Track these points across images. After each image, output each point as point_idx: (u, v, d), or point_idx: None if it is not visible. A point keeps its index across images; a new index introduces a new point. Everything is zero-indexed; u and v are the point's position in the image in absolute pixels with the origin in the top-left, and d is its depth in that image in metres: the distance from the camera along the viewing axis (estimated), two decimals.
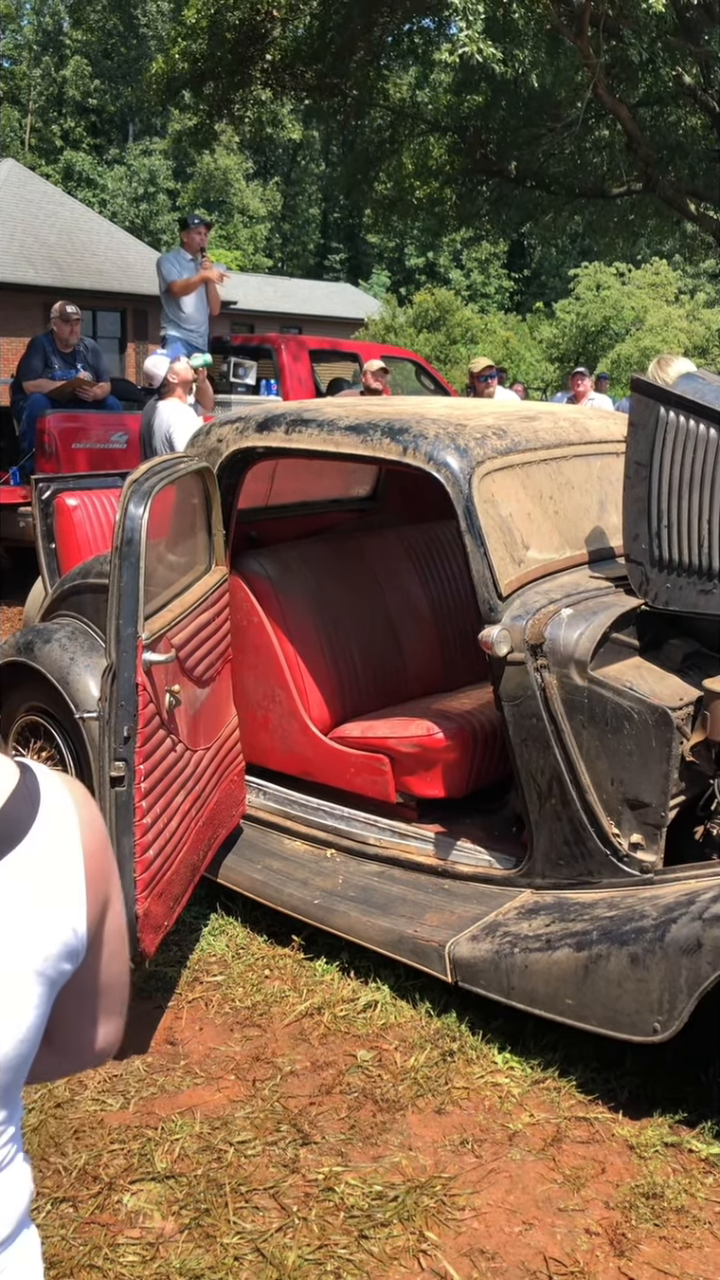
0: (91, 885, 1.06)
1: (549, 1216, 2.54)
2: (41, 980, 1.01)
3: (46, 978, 1.02)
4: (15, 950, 0.99)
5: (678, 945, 2.67)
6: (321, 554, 4.21)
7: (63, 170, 45.69)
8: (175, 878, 3.19)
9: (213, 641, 3.60)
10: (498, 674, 3.20)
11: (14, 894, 0.99)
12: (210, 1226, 2.51)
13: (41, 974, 1.01)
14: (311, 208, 52.46)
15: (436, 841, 3.58)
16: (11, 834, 1.00)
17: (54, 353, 8.23)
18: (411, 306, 34.15)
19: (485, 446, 3.37)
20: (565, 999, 2.89)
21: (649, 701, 3.05)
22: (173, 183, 47.85)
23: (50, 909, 1.02)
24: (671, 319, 32.41)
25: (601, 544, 3.60)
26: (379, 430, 3.44)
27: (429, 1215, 2.53)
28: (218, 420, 3.95)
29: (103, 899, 1.09)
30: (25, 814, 1.02)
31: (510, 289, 49.13)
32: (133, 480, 3.16)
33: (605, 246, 21.82)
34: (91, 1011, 1.16)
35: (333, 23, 14.18)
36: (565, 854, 3.20)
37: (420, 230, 22.29)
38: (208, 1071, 3.07)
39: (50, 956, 1.02)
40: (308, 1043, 3.18)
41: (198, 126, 16.10)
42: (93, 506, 5.26)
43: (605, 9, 11.92)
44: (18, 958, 0.99)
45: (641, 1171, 2.68)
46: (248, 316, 29.88)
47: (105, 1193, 2.61)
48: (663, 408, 3.15)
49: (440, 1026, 3.21)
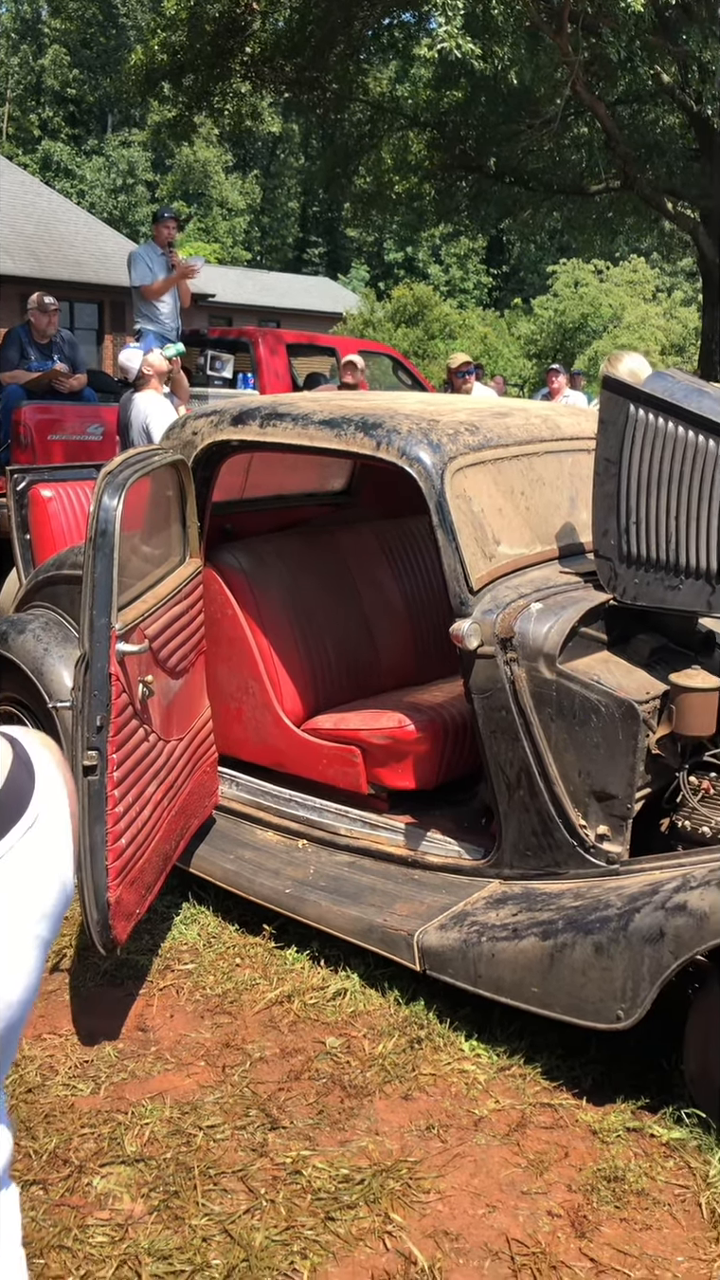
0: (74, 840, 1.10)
1: (512, 1199, 2.59)
2: (42, 944, 1.04)
3: (45, 940, 1.05)
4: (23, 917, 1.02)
5: (641, 934, 2.73)
6: (296, 547, 4.25)
7: (41, 160, 45.41)
8: (147, 866, 3.22)
9: (186, 633, 3.63)
10: (468, 667, 3.25)
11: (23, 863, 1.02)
12: (179, 1208, 2.54)
13: (43, 938, 1.04)
14: (290, 201, 52.36)
15: (407, 832, 3.62)
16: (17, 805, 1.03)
17: (30, 344, 8.21)
18: (390, 301, 34.21)
19: (458, 442, 3.41)
20: (531, 987, 2.93)
21: (616, 695, 3.10)
22: (151, 174, 47.67)
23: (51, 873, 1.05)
24: (649, 316, 32.58)
25: (572, 540, 3.64)
26: (353, 425, 3.48)
27: (394, 1198, 2.58)
28: (193, 413, 3.97)
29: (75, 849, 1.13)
30: (26, 784, 1.05)
31: (489, 285, 49.22)
32: (107, 472, 3.19)
33: (583, 243, 21.92)
34: None
35: (312, 16, 14.19)
36: (533, 845, 3.24)
37: (399, 225, 22.30)
38: (178, 1057, 3.10)
39: (50, 917, 1.05)
40: (277, 1030, 3.22)
41: (177, 118, 16.07)
42: (68, 498, 5.27)
43: (585, 7, 11.98)
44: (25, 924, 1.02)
45: (604, 1156, 2.73)
46: (226, 309, 29.83)
47: (75, 1176, 2.64)
48: (632, 405, 3.20)
49: (408, 1014, 3.25)
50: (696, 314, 27.71)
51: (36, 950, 1.04)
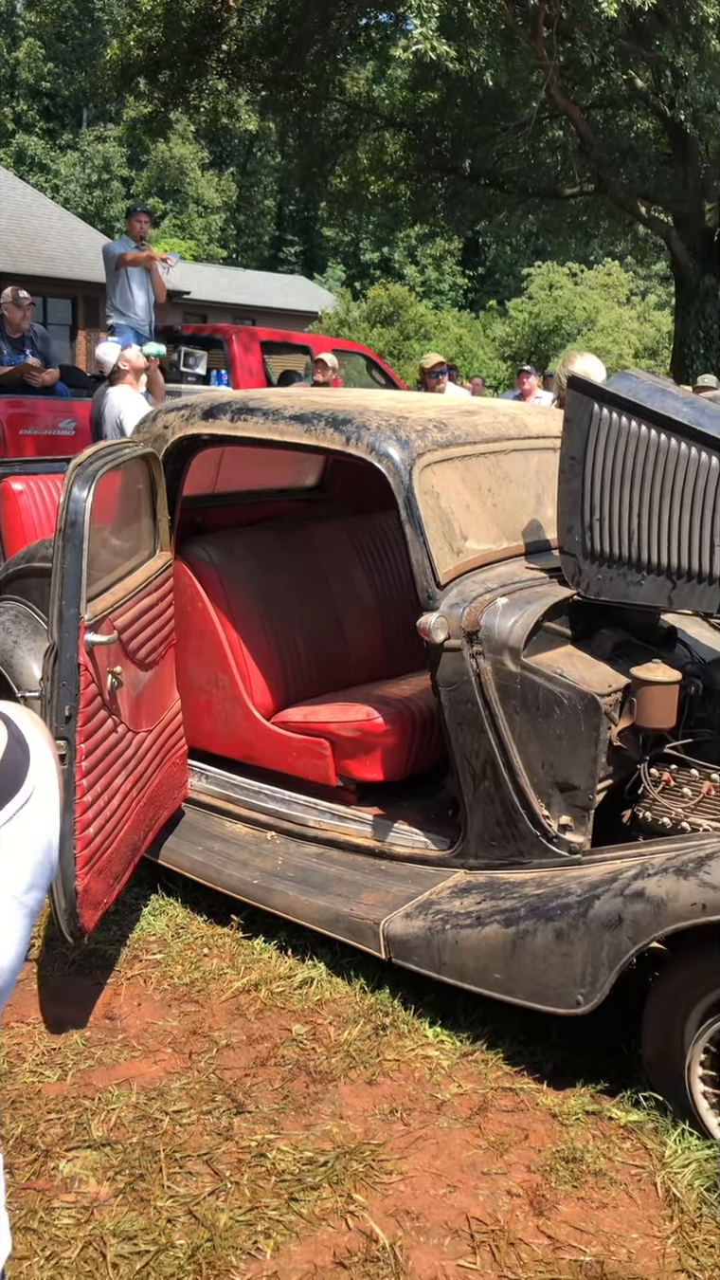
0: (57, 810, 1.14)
1: (473, 1180, 2.64)
2: (29, 915, 1.08)
3: (33, 912, 1.08)
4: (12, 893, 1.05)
5: (600, 920, 2.78)
6: (267, 542, 4.28)
7: (14, 154, 45.16)
8: (115, 856, 3.25)
9: (156, 625, 3.66)
10: (435, 660, 3.29)
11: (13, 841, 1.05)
12: (144, 1191, 2.58)
13: (30, 907, 1.07)
14: (267, 199, 52.31)
15: (374, 824, 3.67)
16: (14, 781, 1.06)
17: (2, 338, 8.20)
18: (366, 301, 34.27)
19: (426, 439, 3.46)
20: (494, 973, 2.99)
21: (579, 688, 3.15)
22: (127, 170, 47.51)
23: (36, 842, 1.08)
24: (623, 320, 32.82)
25: (537, 536, 3.70)
26: (323, 420, 3.52)
27: (357, 1179, 2.62)
28: (164, 407, 4.00)
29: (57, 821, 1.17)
30: (21, 760, 1.08)
31: (464, 286, 49.37)
32: (77, 464, 3.21)
33: (558, 246, 22.06)
34: None
35: (289, 15, 14.22)
36: (497, 835, 3.30)
37: (375, 225, 22.35)
38: (145, 1045, 3.13)
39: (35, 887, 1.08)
40: (244, 1018, 3.26)
41: (153, 114, 16.07)
42: (39, 491, 5.29)
43: (559, 11, 12.07)
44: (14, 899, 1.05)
45: (563, 1138, 2.78)
46: (201, 307, 29.79)
47: (42, 1160, 2.67)
48: (596, 405, 3.26)
49: (374, 1002, 3.30)
50: (670, 318, 27.94)
51: (25, 920, 1.07)
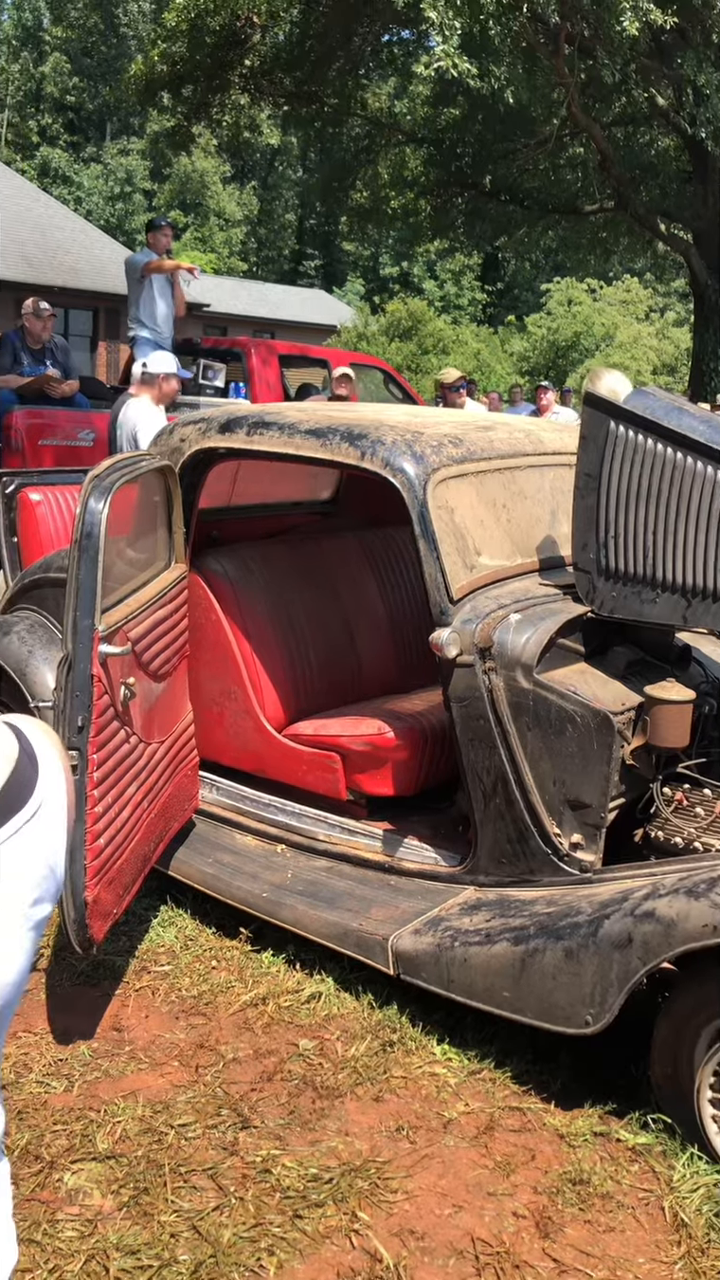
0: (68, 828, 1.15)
1: (478, 1200, 2.63)
2: (35, 928, 1.08)
3: (39, 924, 1.09)
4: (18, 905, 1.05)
5: (610, 940, 2.77)
6: (281, 555, 4.29)
7: (39, 167, 45.51)
8: (125, 867, 3.25)
9: (169, 637, 3.67)
10: (447, 675, 3.29)
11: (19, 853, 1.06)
12: (148, 1205, 2.57)
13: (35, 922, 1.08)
14: (288, 213, 52.54)
15: (385, 838, 3.66)
16: (19, 799, 1.07)
17: (23, 349, 8.26)
18: (384, 315, 34.35)
19: (441, 454, 3.46)
20: (502, 991, 2.97)
21: (592, 706, 3.14)
22: (149, 183, 47.79)
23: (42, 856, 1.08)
24: (641, 336, 32.82)
25: (552, 552, 3.69)
26: (338, 435, 3.52)
27: (362, 1197, 2.61)
28: (181, 420, 4.02)
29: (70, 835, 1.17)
30: (30, 774, 1.09)
31: (483, 301, 49.42)
32: (94, 476, 3.22)
33: (577, 263, 22.12)
34: None
35: (312, 31, 14.31)
36: (508, 852, 3.28)
37: (395, 240, 22.46)
38: (152, 1057, 3.13)
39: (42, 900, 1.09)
40: (251, 1031, 3.25)
41: (175, 128, 16.17)
42: (56, 502, 5.31)
43: (581, 29, 12.11)
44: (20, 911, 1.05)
45: (570, 1159, 2.76)
46: (221, 319, 29.90)
47: (46, 1171, 2.67)
48: (613, 422, 3.25)
49: (382, 1018, 3.28)
50: (688, 334, 27.92)
51: (31, 933, 1.07)
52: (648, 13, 10.81)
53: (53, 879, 1.12)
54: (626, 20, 10.77)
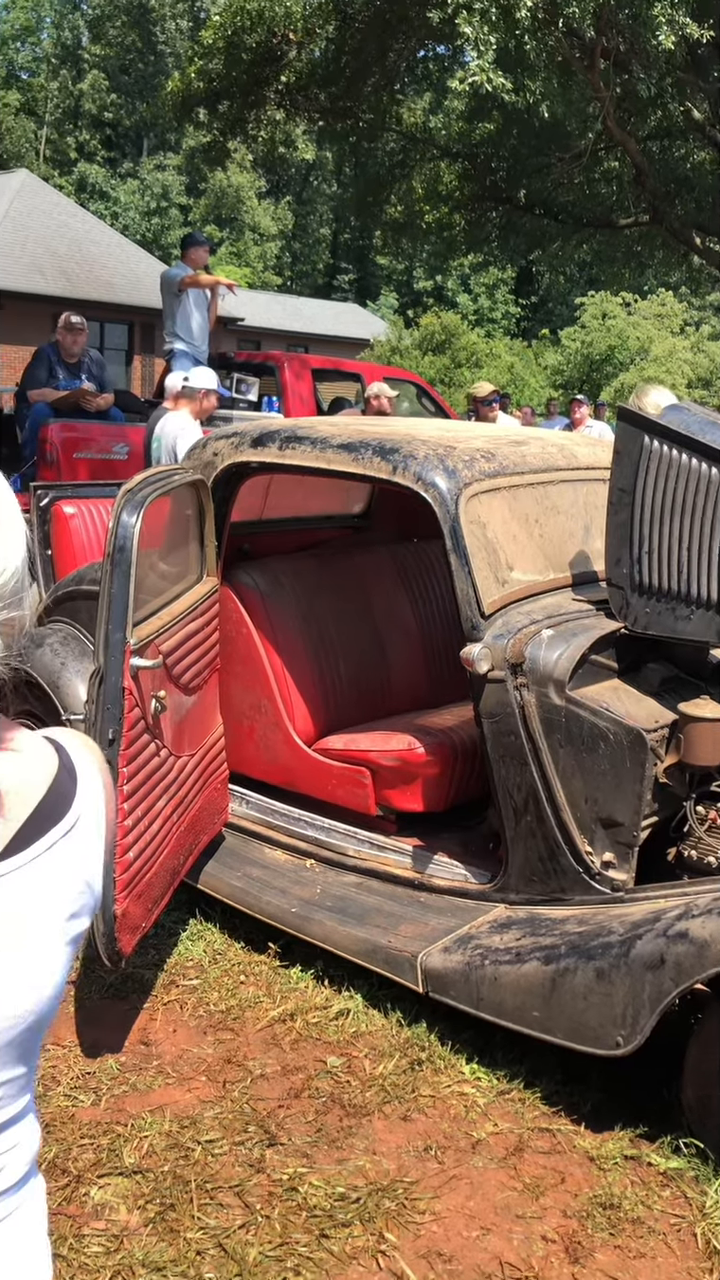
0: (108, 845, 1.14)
1: (507, 1223, 2.59)
2: (71, 944, 1.08)
3: (74, 940, 1.08)
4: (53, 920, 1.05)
5: (642, 960, 2.73)
6: (312, 568, 4.29)
7: (76, 182, 46.02)
8: (155, 880, 3.25)
9: (200, 650, 3.67)
10: (478, 691, 3.27)
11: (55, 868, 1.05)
12: (174, 1221, 2.56)
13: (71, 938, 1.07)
14: (322, 228, 52.81)
15: (414, 855, 3.64)
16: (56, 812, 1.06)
17: (59, 363, 8.31)
18: (418, 329, 34.38)
19: (473, 468, 3.45)
20: (532, 1011, 2.94)
21: (624, 723, 3.11)
22: (185, 198, 48.19)
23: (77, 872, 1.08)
24: (676, 350, 32.64)
25: (585, 567, 3.67)
26: (370, 449, 3.52)
27: (389, 1217, 2.58)
28: (214, 434, 4.03)
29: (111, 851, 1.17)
30: (68, 791, 1.09)
31: (517, 315, 49.42)
32: (127, 490, 3.24)
33: (612, 276, 22.02)
34: None
35: (348, 47, 14.36)
36: (539, 870, 3.26)
37: (429, 254, 22.46)
38: (179, 1072, 3.12)
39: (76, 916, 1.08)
40: (279, 1047, 3.23)
41: (211, 144, 16.27)
42: (90, 515, 5.34)
43: (616, 43, 12.10)
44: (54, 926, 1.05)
45: (600, 1182, 2.73)
46: (255, 333, 30.06)
47: (73, 1185, 2.66)
48: (647, 436, 3.23)
49: (410, 1036, 3.26)
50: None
51: (67, 947, 1.07)
52: (684, 26, 10.78)
53: (90, 894, 1.12)
54: (662, 34, 10.74)
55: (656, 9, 10.64)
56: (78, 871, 1.08)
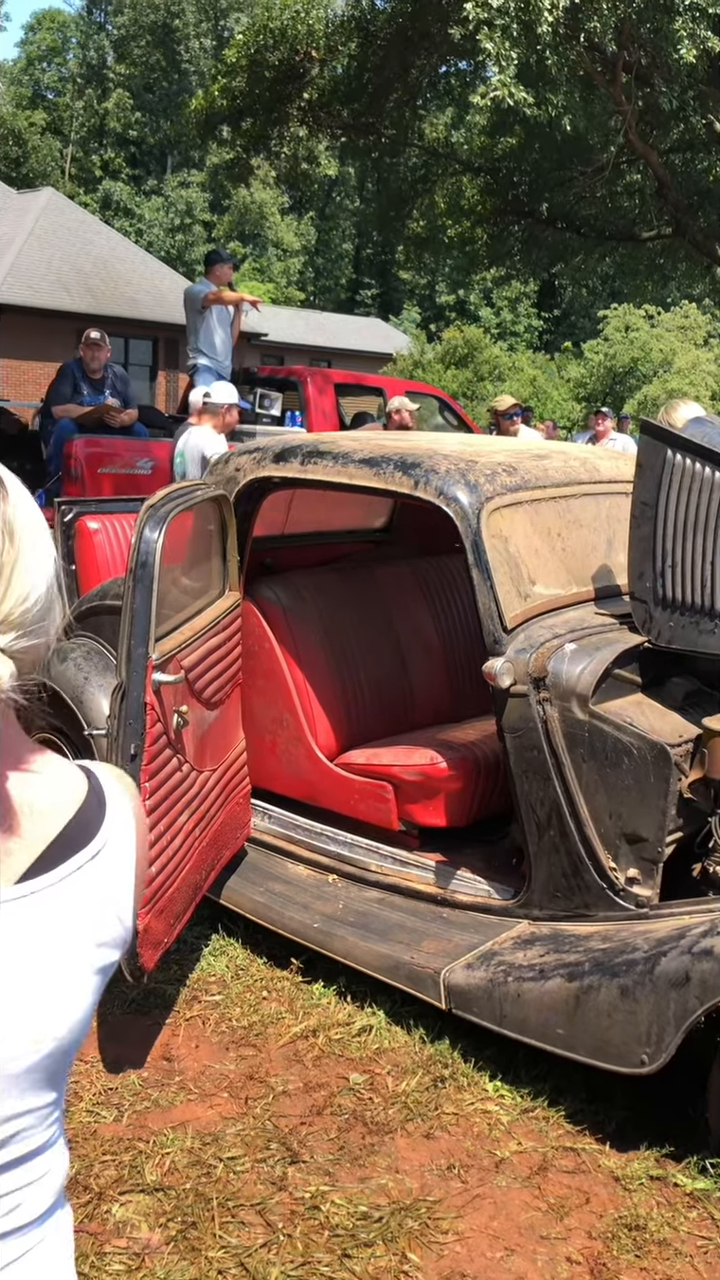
0: (139, 877, 1.13)
1: (531, 1243, 2.57)
2: (98, 972, 1.07)
3: (100, 967, 1.07)
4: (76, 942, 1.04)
5: (667, 978, 2.71)
6: (334, 583, 4.29)
7: (101, 200, 46.43)
8: (177, 896, 3.24)
9: (223, 665, 3.67)
10: (500, 705, 3.26)
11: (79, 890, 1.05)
12: (196, 1239, 2.54)
13: (94, 963, 1.06)
14: (345, 243, 53.04)
15: (437, 870, 3.62)
16: (82, 837, 1.06)
17: (83, 379, 8.37)
18: (440, 343, 34.43)
19: (495, 483, 3.44)
20: (556, 1028, 2.92)
21: (649, 738, 3.09)
22: (208, 215, 48.54)
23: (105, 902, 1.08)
24: (700, 362, 32.55)
25: (607, 581, 3.65)
26: (391, 464, 3.52)
27: (412, 1237, 2.56)
28: (236, 450, 4.04)
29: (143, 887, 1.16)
30: (95, 817, 1.08)
31: (539, 328, 49.44)
32: (149, 505, 3.25)
33: (635, 289, 22.04)
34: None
35: (370, 64, 14.43)
36: (563, 886, 3.23)
37: (451, 268, 22.55)
38: (201, 1088, 3.11)
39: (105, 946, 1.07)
40: (301, 1064, 3.22)
41: (235, 161, 16.39)
42: (113, 530, 5.36)
43: (638, 57, 12.11)
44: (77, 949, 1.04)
45: (626, 1203, 2.70)
46: (278, 348, 30.19)
47: (95, 1202, 2.65)
48: (670, 450, 3.22)
49: (433, 1053, 3.24)
50: None
51: (92, 976, 1.06)
52: (705, 40, 10.78)
53: (120, 927, 1.10)
54: (684, 48, 10.74)
55: (678, 22, 10.65)
56: (106, 901, 1.07)
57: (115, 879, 1.09)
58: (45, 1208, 1.08)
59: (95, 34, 51.04)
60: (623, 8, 10.55)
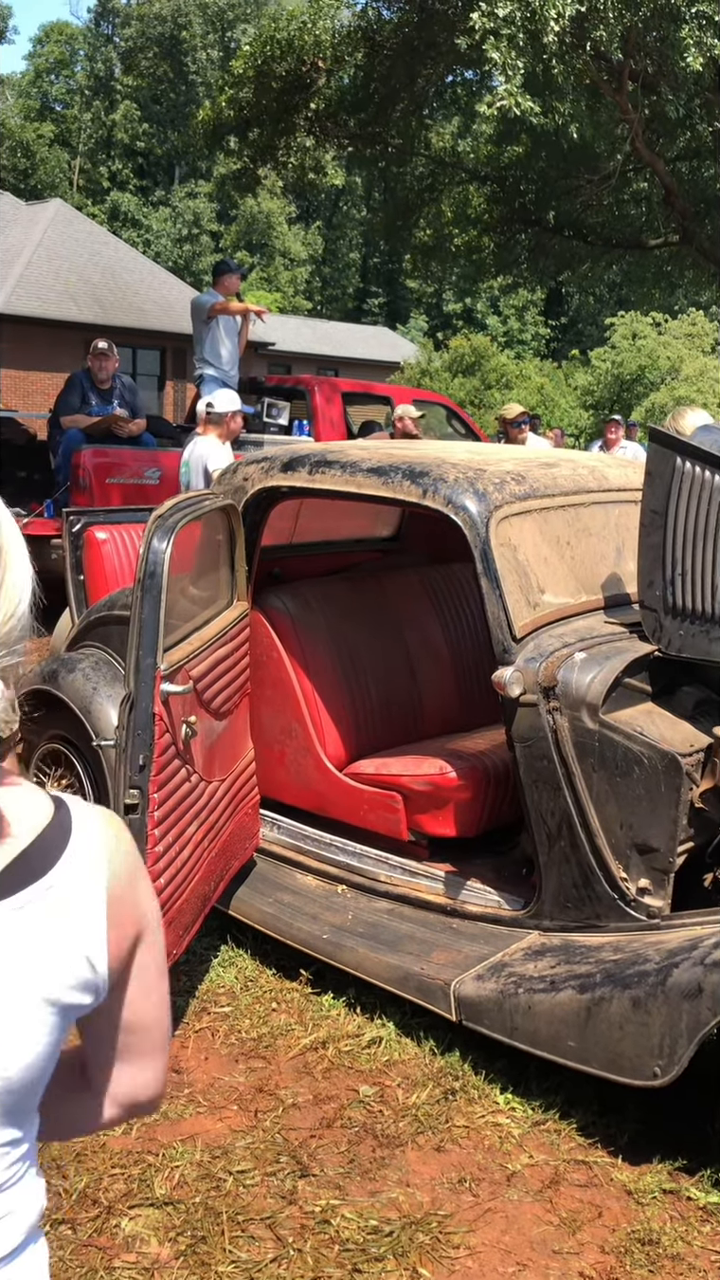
0: (114, 921, 1.07)
1: (543, 1258, 2.55)
2: (53, 1009, 1.02)
3: (59, 1007, 1.03)
4: (26, 977, 1.00)
5: (679, 990, 2.69)
6: (342, 592, 4.28)
7: (109, 211, 46.61)
8: (185, 907, 3.23)
9: (231, 675, 3.66)
10: (510, 715, 3.24)
11: (31, 923, 1.01)
12: (206, 1254, 2.53)
13: (52, 1002, 1.02)
14: (352, 252, 53.15)
15: (446, 880, 3.61)
16: (39, 866, 1.02)
17: (91, 389, 8.39)
18: (447, 351, 34.44)
19: (504, 491, 3.43)
20: (567, 1040, 2.90)
21: (659, 747, 3.07)
22: (216, 225, 48.68)
23: (66, 940, 1.03)
24: (707, 369, 32.50)
25: (617, 590, 3.64)
26: (400, 473, 3.51)
27: (423, 1252, 2.54)
28: (244, 459, 4.04)
29: (130, 935, 1.09)
30: (55, 847, 1.04)
31: (547, 336, 49.46)
32: (157, 515, 3.24)
33: (642, 297, 22.01)
34: (124, 1050, 1.17)
35: (376, 74, 14.46)
36: (573, 897, 3.21)
37: (458, 277, 22.55)
38: (211, 1101, 3.09)
39: (63, 986, 1.03)
40: (311, 1076, 3.20)
41: (242, 171, 16.42)
42: (122, 540, 5.35)
43: (644, 66, 12.11)
44: (27, 985, 1.00)
45: (638, 1217, 2.67)
46: (285, 357, 30.25)
47: (104, 1216, 2.64)
48: (679, 458, 3.20)
49: (443, 1065, 3.22)
50: None
51: (47, 1015, 1.02)
52: (712, 48, 10.77)
53: (91, 971, 1.05)
54: (690, 56, 10.73)
55: (684, 30, 10.65)
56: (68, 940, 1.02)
57: (79, 917, 1.04)
58: (14, 1245, 1.04)
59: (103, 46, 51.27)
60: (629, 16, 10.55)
